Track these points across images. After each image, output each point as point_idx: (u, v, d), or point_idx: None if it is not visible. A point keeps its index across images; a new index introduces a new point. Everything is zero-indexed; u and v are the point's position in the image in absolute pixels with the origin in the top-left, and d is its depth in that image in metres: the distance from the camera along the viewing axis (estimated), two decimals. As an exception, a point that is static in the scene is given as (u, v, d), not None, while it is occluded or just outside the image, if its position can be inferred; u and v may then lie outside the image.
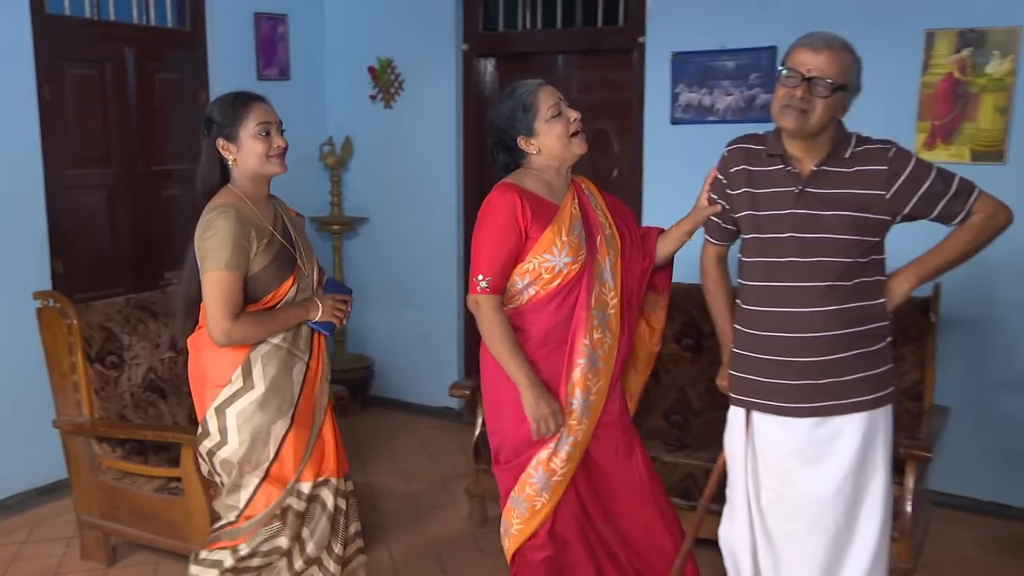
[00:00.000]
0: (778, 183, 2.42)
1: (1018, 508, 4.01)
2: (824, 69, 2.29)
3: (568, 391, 2.65)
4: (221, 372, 2.55)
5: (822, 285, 2.37)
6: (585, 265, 2.64)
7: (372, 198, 5.55)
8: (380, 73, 5.36)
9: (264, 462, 2.59)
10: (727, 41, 4.41)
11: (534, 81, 2.71)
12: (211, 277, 2.46)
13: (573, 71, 5.09)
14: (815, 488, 2.45)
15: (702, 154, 4.47)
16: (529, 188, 2.63)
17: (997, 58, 3.83)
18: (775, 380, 2.44)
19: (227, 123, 2.53)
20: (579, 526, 2.75)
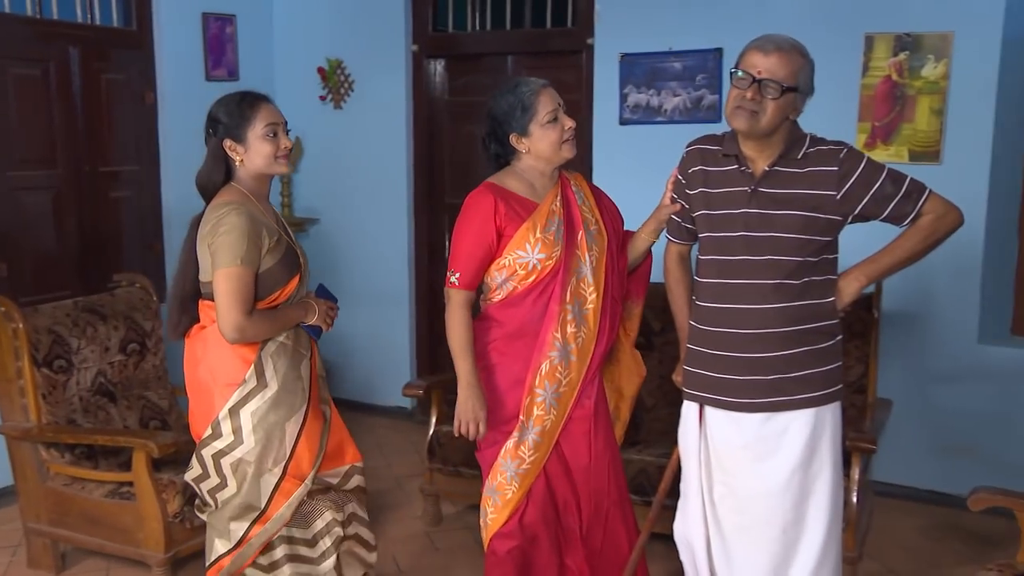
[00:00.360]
0: (732, 183, 2.47)
1: (955, 496, 4.11)
2: (774, 71, 2.33)
3: (536, 382, 2.72)
4: (233, 371, 2.54)
5: (771, 283, 2.41)
6: (561, 261, 2.70)
7: (322, 199, 5.53)
8: (330, 74, 5.35)
9: (281, 460, 2.59)
10: (674, 43, 4.48)
11: (538, 81, 2.74)
12: (225, 273, 2.45)
13: (523, 72, 5.11)
14: (764, 483, 2.50)
15: (651, 154, 4.59)
16: (510, 187, 2.73)
17: (932, 62, 3.95)
18: (726, 375, 2.50)
19: (234, 124, 2.54)
20: (548, 519, 2.81)
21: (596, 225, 2.82)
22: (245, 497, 2.60)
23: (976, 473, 4.07)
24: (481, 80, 5.24)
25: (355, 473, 2.83)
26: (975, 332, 4.05)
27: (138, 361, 3.82)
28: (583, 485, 2.84)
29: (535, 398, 2.74)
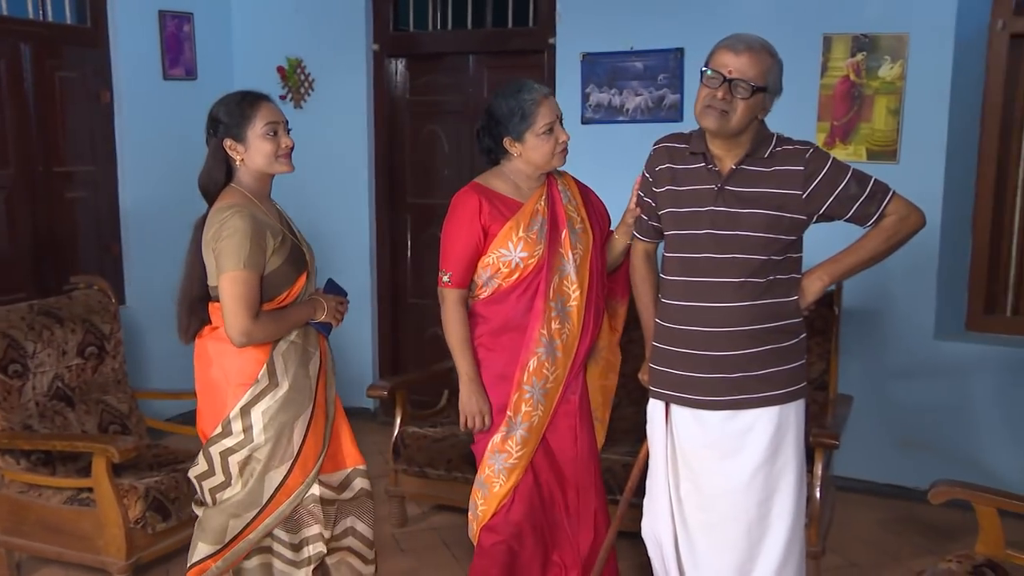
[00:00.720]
0: (699, 181, 2.50)
1: (914, 489, 4.20)
2: (745, 71, 2.35)
3: (524, 378, 2.78)
4: (246, 371, 2.55)
5: (736, 281, 2.43)
6: (543, 259, 2.76)
7: (282, 199, 5.30)
8: (290, 73, 5.30)
9: (289, 458, 2.59)
10: (635, 43, 4.51)
11: (541, 89, 2.78)
12: (230, 277, 2.44)
13: (484, 71, 5.12)
14: (728, 480, 2.52)
15: (613, 153, 4.61)
16: (495, 188, 2.81)
17: (888, 63, 4.02)
18: (690, 373, 2.51)
19: (234, 123, 2.54)
20: (535, 513, 2.86)
21: (582, 224, 2.88)
22: (248, 495, 2.58)
23: (933, 466, 4.15)
24: (442, 80, 5.23)
25: (357, 476, 2.81)
26: (931, 328, 4.12)
27: (97, 365, 3.75)
28: (570, 478, 2.90)
29: (523, 394, 2.79)
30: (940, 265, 4.06)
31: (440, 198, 5.22)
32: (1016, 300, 4.20)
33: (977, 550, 2.75)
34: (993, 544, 2.74)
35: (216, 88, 5.40)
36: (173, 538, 3.37)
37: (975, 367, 4.08)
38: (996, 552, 2.72)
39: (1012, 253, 4.16)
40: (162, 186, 5.07)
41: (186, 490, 3.28)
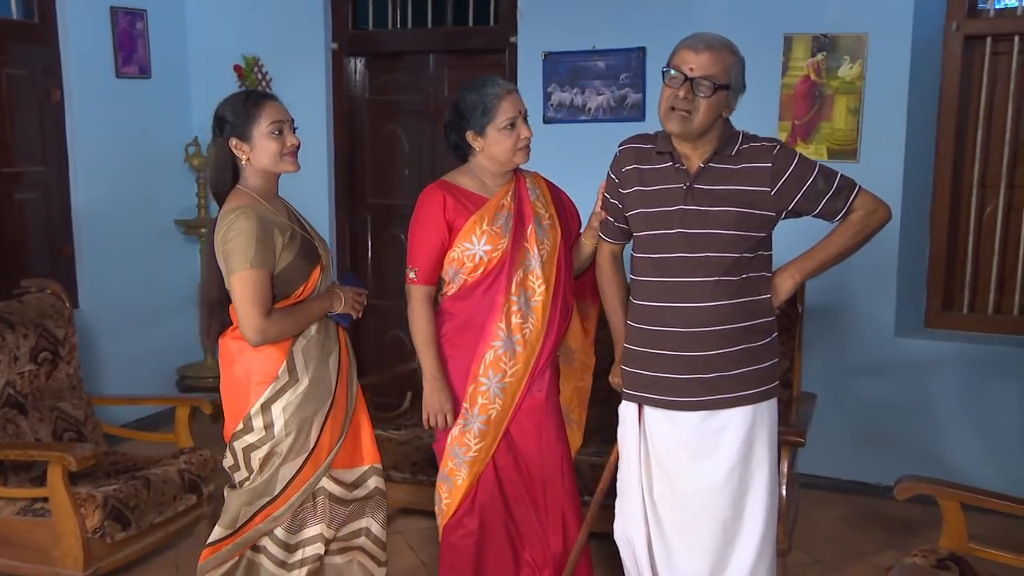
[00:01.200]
0: (667, 180, 2.49)
1: (875, 485, 4.25)
2: (706, 69, 2.35)
3: (480, 370, 2.77)
4: (267, 369, 2.57)
5: (709, 280, 2.43)
6: (507, 253, 2.75)
7: (240, 200, 5.38)
8: (247, 72, 5.21)
9: (304, 451, 2.61)
10: (597, 42, 4.50)
11: (505, 85, 2.79)
12: (239, 278, 2.46)
13: (444, 71, 5.08)
14: (703, 480, 2.51)
15: (575, 153, 4.60)
16: (462, 184, 2.81)
17: (848, 62, 4.06)
18: (664, 374, 2.50)
19: (240, 123, 2.54)
20: (498, 510, 2.84)
21: (550, 220, 2.87)
22: (262, 484, 2.61)
23: (894, 462, 4.20)
24: (402, 79, 5.18)
25: (373, 475, 2.81)
26: (891, 326, 4.17)
27: (50, 371, 3.65)
28: (536, 475, 2.87)
29: (479, 387, 2.78)
30: (900, 263, 4.11)
31: (401, 198, 5.18)
32: (973, 297, 4.26)
33: (941, 544, 2.78)
34: (957, 538, 2.78)
35: (171, 87, 5.38)
36: (133, 547, 3.29)
37: (934, 364, 4.13)
38: (959, 546, 2.76)
39: (968, 251, 4.22)
40: (116, 186, 4.96)
41: (146, 498, 3.20)
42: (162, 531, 3.29)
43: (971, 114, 4.15)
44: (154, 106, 5.20)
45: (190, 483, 3.35)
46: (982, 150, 4.14)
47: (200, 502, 3.43)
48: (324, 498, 2.69)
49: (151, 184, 5.20)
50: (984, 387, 4.08)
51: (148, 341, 5.20)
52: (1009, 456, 4.03)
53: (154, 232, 5.27)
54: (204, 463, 3.44)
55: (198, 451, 3.47)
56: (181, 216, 5.34)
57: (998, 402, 4.06)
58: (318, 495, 2.68)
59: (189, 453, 3.45)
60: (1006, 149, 4.09)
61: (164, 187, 5.30)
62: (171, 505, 3.27)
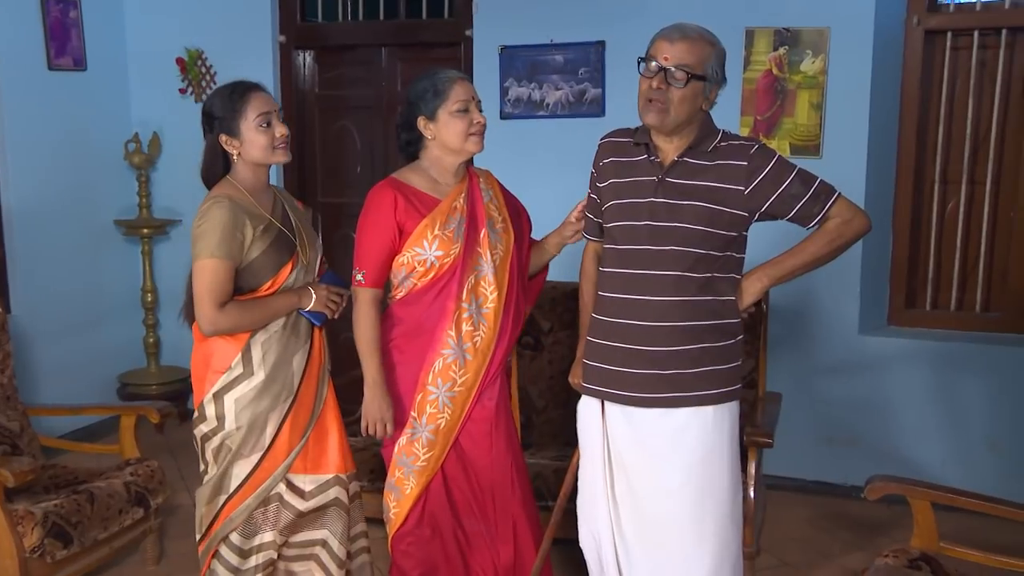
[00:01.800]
0: (640, 172, 2.43)
1: (840, 485, 4.22)
2: (680, 59, 2.28)
3: (429, 379, 2.69)
4: (223, 358, 2.56)
5: (672, 274, 2.37)
6: (459, 258, 2.65)
7: (185, 198, 5.14)
8: (190, 65, 5.00)
9: (260, 450, 2.58)
10: (555, 35, 4.40)
11: (457, 72, 2.74)
12: (199, 265, 2.47)
13: (397, 64, 4.93)
14: (660, 481, 2.45)
15: (533, 149, 4.50)
16: (412, 183, 2.69)
17: (810, 57, 4.01)
18: (624, 369, 2.44)
19: (227, 118, 2.53)
20: (446, 519, 2.76)
21: (503, 223, 2.79)
22: (217, 480, 2.59)
23: (858, 462, 4.18)
24: (353, 73, 5.02)
25: (335, 485, 2.72)
26: (856, 324, 4.13)
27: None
28: (487, 486, 2.78)
29: (427, 395, 2.70)
30: (864, 260, 4.06)
31: (352, 196, 5.02)
32: (935, 294, 4.24)
33: (912, 544, 2.77)
34: (927, 538, 2.76)
35: (108, 79, 5.14)
36: (76, 565, 3.10)
37: (897, 362, 4.10)
38: (930, 545, 2.75)
39: (931, 247, 4.20)
40: (50, 185, 4.72)
41: (90, 513, 3.01)
42: (107, 547, 3.11)
43: (932, 109, 4.13)
44: (90, 100, 4.96)
45: (137, 496, 3.17)
46: (943, 145, 4.12)
47: (147, 516, 3.24)
48: (277, 504, 2.64)
49: (88, 182, 4.97)
50: (946, 385, 4.06)
51: (87, 347, 4.96)
52: (970, 453, 4.02)
53: (92, 233, 5.03)
54: (152, 474, 3.25)
55: (145, 462, 3.29)
56: (121, 216, 5.12)
57: (959, 400, 4.05)
58: (272, 500, 2.63)
59: (135, 464, 3.26)
60: (967, 144, 4.07)
61: (102, 186, 5.06)
62: (117, 520, 3.09)
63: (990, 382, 3.99)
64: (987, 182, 4.07)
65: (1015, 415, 3.95)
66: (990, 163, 4.06)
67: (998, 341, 4.03)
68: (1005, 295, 4.10)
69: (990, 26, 3.98)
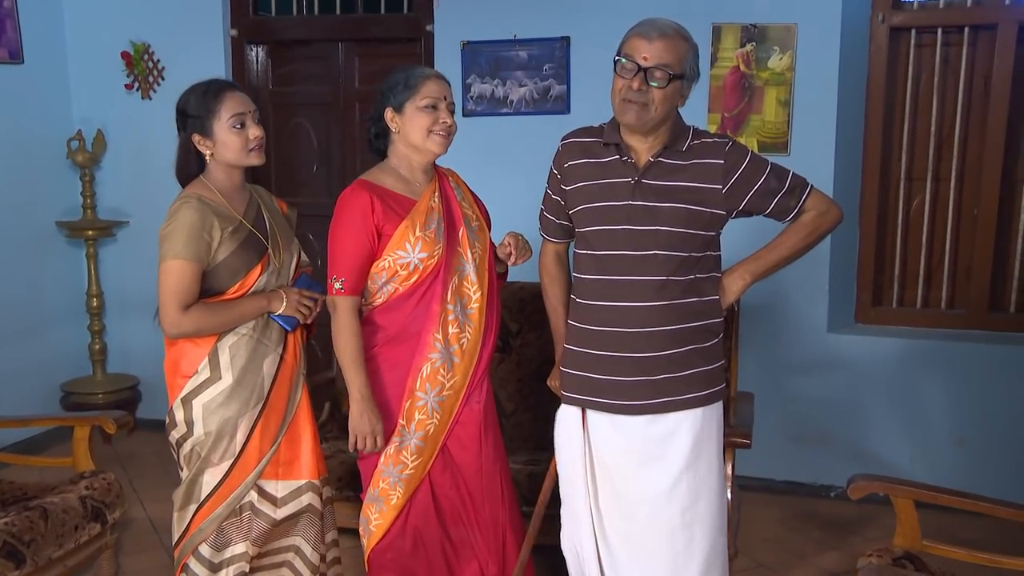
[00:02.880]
0: (613, 174, 2.36)
1: (810, 484, 4.21)
2: (660, 58, 2.22)
3: (417, 385, 2.60)
4: (190, 363, 2.51)
5: (657, 279, 2.31)
6: (442, 259, 2.59)
7: (131, 198, 4.96)
8: (136, 59, 4.80)
9: (230, 457, 2.52)
10: (519, 31, 4.31)
11: (435, 72, 2.67)
12: (164, 267, 2.42)
13: (354, 60, 4.80)
14: (649, 488, 2.40)
15: (496, 147, 4.41)
16: (385, 184, 2.60)
17: (777, 53, 3.98)
18: (609, 377, 2.38)
19: (200, 116, 2.48)
20: (432, 528, 2.66)
21: (478, 222, 2.73)
22: (188, 487, 2.55)
23: (827, 461, 4.17)
24: (308, 69, 4.88)
25: (308, 491, 2.65)
26: (824, 322, 4.11)
27: None
28: (476, 492, 2.69)
29: (416, 402, 2.61)
30: (832, 258, 4.05)
31: (308, 196, 4.87)
32: (901, 291, 4.25)
33: (895, 543, 2.74)
34: (910, 536, 2.74)
35: (47, 73, 4.89)
36: (28, 586, 2.89)
37: (865, 360, 4.10)
38: (913, 544, 2.72)
39: (897, 244, 4.20)
40: (-15, 184, 4.50)
41: (43, 530, 2.82)
42: (61, 566, 2.91)
43: (897, 107, 4.13)
44: (28, 95, 4.73)
45: (94, 511, 2.98)
46: (908, 143, 4.13)
47: (104, 531, 3.07)
48: (249, 513, 2.57)
49: (28, 182, 4.75)
50: (913, 382, 4.07)
51: (28, 355, 4.74)
52: (937, 450, 4.03)
53: (33, 235, 4.80)
54: (108, 488, 3.07)
55: (100, 475, 3.10)
56: (64, 217, 4.90)
57: (927, 396, 4.06)
58: (244, 509, 2.56)
59: (91, 477, 3.07)
60: (931, 141, 4.08)
61: (43, 186, 4.84)
62: (72, 536, 2.90)
63: (956, 378, 4.00)
64: (951, 179, 4.09)
65: (981, 411, 3.97)
66: (954, 160, 4.08)
67: (963, 338, 4.05)
68: (969, 292, 4.11)
69: (953, 24, 4.00)
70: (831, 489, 4.20)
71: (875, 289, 4.25)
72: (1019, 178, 4.02)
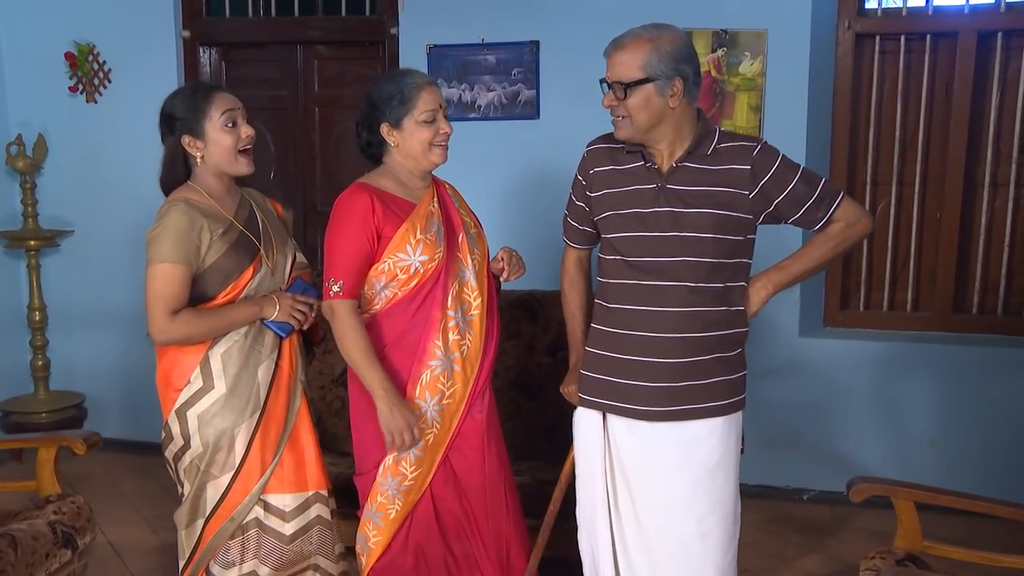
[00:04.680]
0: (638, 180, 2.34)
1: (782, 488, 4.23)
2: (616, 70, 2.24)
3: (417, 393, 2.53)
4: (181, 373, 2.45)
5: (686, 285, 2.29)
6: (443, 264, 2.49)
7: (76, 207, 4.73)
8: (80, 61, 4.58)
9: (230, 469, 2.45)
10: (487, 34, 4.25)
11: (425, 76, 2.60)
12: (151, 271, 2.36)
13: (313, 63, 4.67)
14: (668, 494, 2.36)
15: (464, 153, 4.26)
16: (384, 187, 2.54)
17: (748, 59, 4.00)
18: (631, 381, 2.35)
19: (190, 117, 2.41)
20: (434, 543, 2.58)
21: (476, 229, 2.68)
22: (192, 503, 2.48)
23: (800, 465, 4.19)
24: (264, 72, 4.74)
25: (316, 502, 2.57)
26: (796, 326, 4.14)
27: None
28: (479, 506, 2.61)
29: (415, 411, 2.52)
30: (804, 262, 4.07)
31: (266, 203, 4.70)
32: (868, 294, 4.30)
33: (896, 544, 2.75)
34: (911, 538, 2.74)
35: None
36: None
37: (834, 363, 4.14)
38: (914, 545, 2.73)
39: (863, 248, 4.25)
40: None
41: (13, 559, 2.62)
42: (30, 596, 2.73)
43: (863, 112, 4.19)
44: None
45: (64, 537, 2.79)
46: (874, 148, 4.18)
47: (74, 558, 2.88)
48: (257, 530, 2.50)
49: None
50: (882, 383, 4.12)
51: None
52: (909, 451, 4.08)
53: (-31, 245, 4.55)
54: (78, 512, 2.87)
55: (68, 498, 2.91)
56: (3, 227, 4.66)
57: (894, 397, 4.11)
58: (250, 527, 2.49)
59: (58, 501, 2.88)
60: (896, 146, 4.15)
61: (-21, 193, 4.59)
62: (43, 565, 2.69)
63: (924, 379, 4.06)
64: (915, 183, 4.16)
65: (949, 411, 4.04)
66: (917, 165, 4.15)
67: (929, 339, 4.12)
68: (934, 294, 4.19)
69: (916, 31, 4.08)
70: (804, 492, 4.23)
71: (843, 292, 4.30)
72: (980, 182, 4.11)
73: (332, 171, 4.66)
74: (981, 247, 4.13)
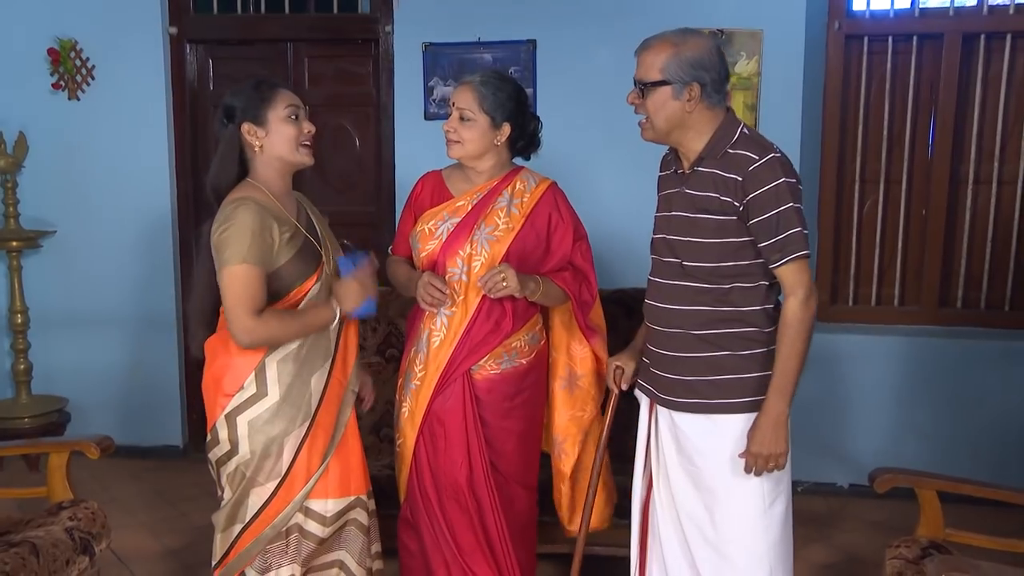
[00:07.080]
0: (670, 185, 2.47)
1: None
2: (640, 70, 2.31)
3: (406, 365, 2.79)
4: (234, 379, 2.38)
5: (694, 285, 2.36)
6: (435, 254, 2.69)
7: (59, 206, 4.60)
8: (63, 57, 4.47)
9: (276, 477, 2.40)
10: (483, 33, 4.25)
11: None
12: (229, 272, 2.27)
13: (304, 62, 4.62)
14: (683, 479, 2.45)
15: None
16: (446, 177, 2.79)
17: (744, 59, 4.07)
18: (655, 371, 2.48)
19: (253, 106, 2.36)
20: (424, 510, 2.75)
21: (503, 231, 2.67)
22: (232, 508, 2.42)
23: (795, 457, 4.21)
24: (253, 69, 4.64)
25: (357, 507, 2.55)
26: (790, 320, 4.21)
27: None
28: (464, 504, 2.73)
29: (407, 380, 2.77)
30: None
31: (255, 203, 4.64)
32: (856, 289, 4.40)
33: (919, 533, 2.82)
34: (934, 526, 2.82)
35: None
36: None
37: (826, 356, 4.20)
38: (937, 533, 2.80)
39: (852, 244, 4.35)
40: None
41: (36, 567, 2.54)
42: (52, 606, 2.65)
43: (852, 111, 4.28)
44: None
45: (82, 543, 2.72)
46: (862, 145, 4.28)
47: (91, 564, 2.81)
48: (297, 535, 2.46)
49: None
50: (871, 376, 4.23)
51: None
52: (900, 443, 4.19)
53: (-53, 247, 4.41)
54: (93, 517, 2.81)
55: (82, 503, 2.84)
56: (-18, 227, 4.52)
57: (883, 389, 4.22)
58: (291, 532, 2.46)
59: (71, 507, 2.81)
60: (883, 145, 4.25)
61: (-42, 192, 4.45)
62: (63, 572, 2.63)
63: (913, 372, 4.17)
64: (902, 181, 4.27)
65: (939, 402, 4.15)
66: (904, 163, 4.26)
67: (916, 333, 4.24)
68: (920, 289, 4.31)
69: (902, 32, 4.19)
70: (798, 484, 4.30)
71: (832, 288, 4.39)
72: (964, 180, 4.23)
73: (321, 170, 4.61)
74: (965, 243, 4.26)
